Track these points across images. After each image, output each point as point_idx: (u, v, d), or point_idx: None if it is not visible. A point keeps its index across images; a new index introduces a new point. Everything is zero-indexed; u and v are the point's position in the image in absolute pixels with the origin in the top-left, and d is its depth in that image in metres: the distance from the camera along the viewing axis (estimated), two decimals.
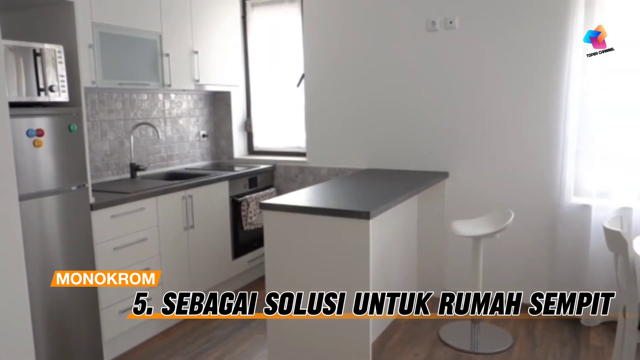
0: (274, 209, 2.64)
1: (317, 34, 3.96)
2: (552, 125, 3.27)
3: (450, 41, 3.51)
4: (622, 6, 2.99)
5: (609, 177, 3.13)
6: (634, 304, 2.16)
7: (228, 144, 4.51)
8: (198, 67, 3.77)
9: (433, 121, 3.63)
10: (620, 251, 2.19)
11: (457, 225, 3.06)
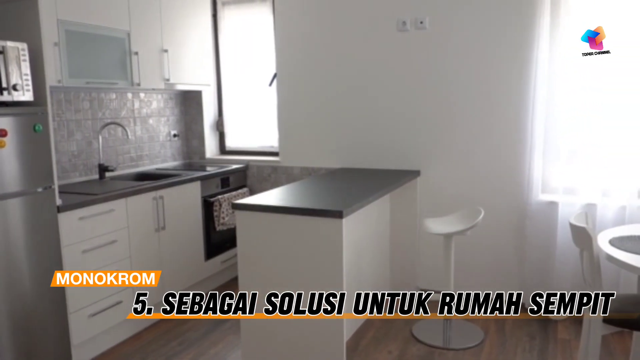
0: (246, 209, 2.62)
1: (288, 33, 3.95)
2: (520, 125, 3.34)
3: (421, 41, 3.54)
4: (586, 8, 3.08)
5: (575, 175, 3.21)
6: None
7: (200, 143, 4.46)
8: (168, 65, 3.72)
9: (405, 120, 3.66)
10: (585, 246, 2.25)
11: (428, 223, 3.10)
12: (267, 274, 2.61)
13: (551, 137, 3.24)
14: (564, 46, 3.13)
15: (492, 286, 3.55)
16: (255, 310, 2.67)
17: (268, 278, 2.61)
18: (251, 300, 2.67)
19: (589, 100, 3.13)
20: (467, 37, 3.41)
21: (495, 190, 3.46)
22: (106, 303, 2.97)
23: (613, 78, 3.04)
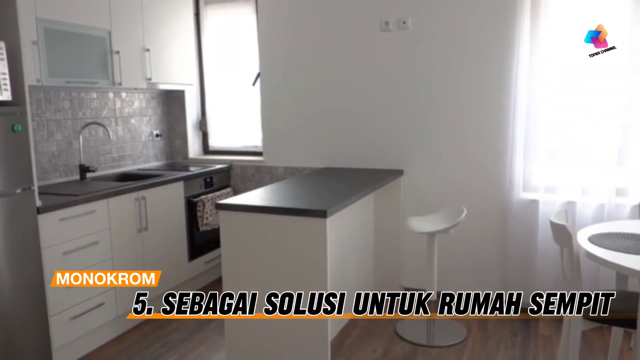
0: (230, 209, 2.61)
1: (272, 33, 3.95)
2: (501, 124, 3.38)
3: (404, 41, 3.57)
4: (566, 10, 3.12)
5: (555, 174, 3.26)
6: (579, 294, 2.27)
7: (182, 143, 4.43)
8: (150, 65, 3.68)
9: (388, 120, 3.68)
10: (565, 243, 2.29)
11: (412, 222, 3.12)
12: (251, 274, 2.61)
13: (532, 136, 3.28)
14: (545, 47, 3.18)
15: (475, 284, 3.59)
16: (239, 311, 2.66)
17: (252, 278, 2.61)
18: (236, 301, 2.66)
19: (569, 100, 3.18)
20: (449, 37, 3.44)
21: (478, 189, 3.49)
22: (88, 305, 2.93)
23: (592, 78, 3.09)
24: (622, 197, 3.14)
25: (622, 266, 2.00)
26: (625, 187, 3.14)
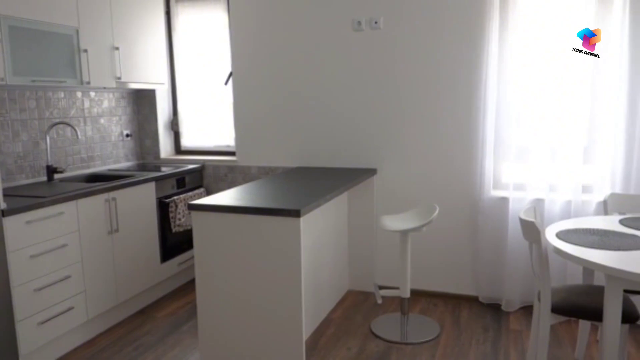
0: (203, 209, 2.58)
1: (244, 32, 3.92)
2: (472, 123, 3.44)
3: (376, 41, 3.59)
4: (533, 12, 3.19)
5: (524, 172, 3.33)
6: (547, 289, 2.32)
7: (154, 143, 4.36)
8: (120, 63, 3.62)
9: (361, 119, 3.70)
10: (534, 240, 2.34)
11: (385, 220, 3.14)
12: (224, 275, 2.59)
13: (501, 135, 3.34)
14: (513, 48, 3.23)
15: (447, 280, 3.64)
16: (213, 312, 2.64)
17: (226, 279, 2.59)
18: (209, 302, 2.63)
19: (537, 100, 3.25)
20: (420, 37, 3.48)
21: (450, 188, 3.54)
22: (57, 310, 2.86)
23: (559, 79, 3.17)
24: (588, 194, 3.23)
25: (588, 261, 2.06)
26: (591, 185, 3.23)
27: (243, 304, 2.58)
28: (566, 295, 2.42)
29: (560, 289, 2.51)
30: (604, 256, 2.08)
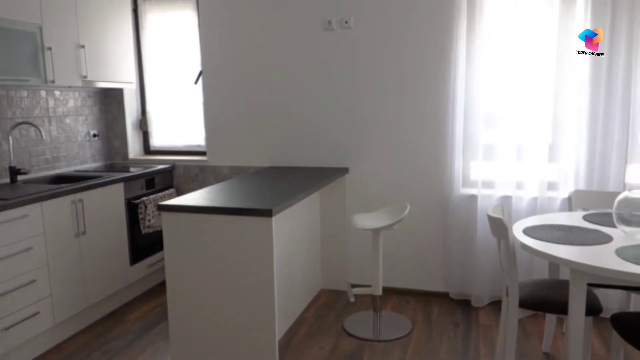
0: (173, 210, 2.55)
1: (213, 30, 3.88)
2: (441, 122, 3.49)
3: (346, 40, 3.60)
4: (501, 16, 3.26)
5: (492, 170, 3.40)
6: (515, 284, 2.38)
7: (122, 143, 4.28)
8: (85, 62, 3.53)
9: (332, 118, 3.71)
10: (502, 236, 2.39)
11: (357, 219, 3.16)
12: (196, 276, 2.56)
13: (470, 134, 3.40)
14: (480, 48, 3.29)
15: (419, 277, 3.68)
16: (184, 314, 2.61)
17: (197, 280, 2.56)
18: (180, 304, 2.60)
19: (504, 99, 3.32)
20: (390, 37, 3.51)
21: (420, 186, 3.59)
22: (22, 315, 2.78)
23: (525, 79, 3.24)
24: (553, 191, 3.32)
25: (554, 256, 2.11)
26: (556, 182, 3.32)
27: (215, 305, 2.56)
28: (533, 290, 2.48)
29: (528, 284, 2.58)
30: (568, 251, 2.14)
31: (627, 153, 3.13)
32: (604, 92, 3.10)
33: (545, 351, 2.86)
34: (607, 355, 2.79)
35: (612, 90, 3.09)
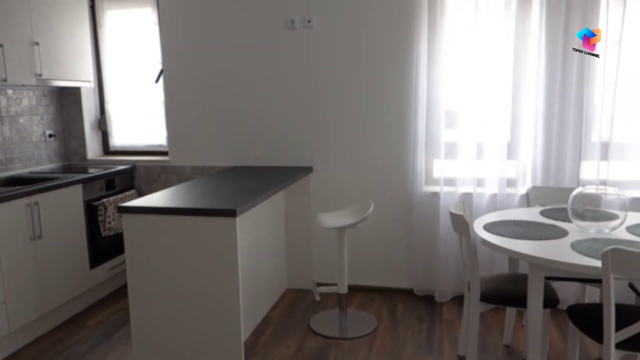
0: (134, 211, 2.49)
1: (174, 29, 3.82)
2: (404, 121, 3.53)
3: (309, 39, 3.61)
4: (461, 14, 3.33)
5: (453, 167, 3.47)
6: (476, 279, 2.43)
7: (80, 144, 4.16)
8: (40, 60, 3.41)
9: (296, 118, 3.71)
10: (463, 232, 2.44)
11: (321, 217, 3.17)
12: (158, 279, 2.51)
13: (432, 133, 3.45)
14: (442, 49, 3.35)
15: (384, 274, 3.72)
16: (146, 317, 2.55)
17: (160, 283, 2.51)
18: (142, 307, 2.55)
19: (465, 98, 3.39)
20: (353, 37, 3.53)
21: (384, 184, 3.63)
22: None
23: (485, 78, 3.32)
24: (512, 187, 3.41)
25: (513, 251, 2.17)
26: (515, 178, 3.41)
27: (178, 307, 2.52)
28: (493, 284, 2.55)
29: (488, 279, 2.64)
30: (526, 246, 2.20)
31: (581, 150, 3.24)
32: (558, 92, 3.21)
33: (506, 343, 2.94)
34: (564, 345, 2.89)
35: (567, 90, 3.20)
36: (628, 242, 2.20)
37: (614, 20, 3.06)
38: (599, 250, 2.05)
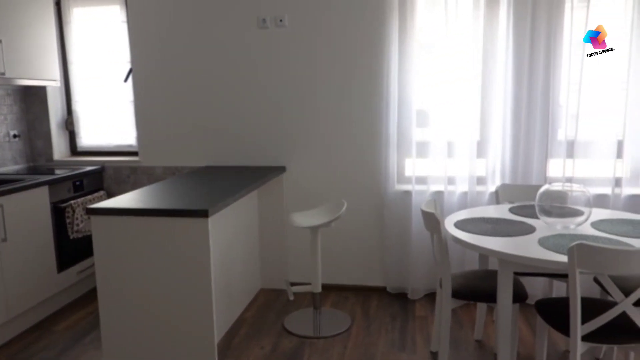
0: (103, 213, 2.44)
1: (143, 27, 3.76)
2: (376, 121, 3.56)
3: (281, 39, 3.60)
4: (431, 14, 3.37)
5: (425, 166, 3.51)
6: (448, 275, 2.47)
7: (46, 144, 4.05)
8: (3, 58, 3.31)
9: (269, 117, 3.69)
10: (434, 230, 2.48)
11: (295, 217, 3.17)
12: (129, 282, 2.47)
13: (404, 132, 3.49)
14: (412, 47, 3.39)
15: (357, 273, 3.74)
16: (117, 321, 2.51)
17: (130, 285, 2.47)
18: (112, 311, 2.50)
19: (436, 98, 3.43)
20: (325, 36, 3.54)
21: (357, 183, 3.65)
22: None
23: (455, 78, 3.37)
24: (482, 185, 3.47)
25: (482, 247, 2.21)
26: (484, 176, 3.47)
27: (150, 310, 2.48)
28: (465, 281, 2.59)
29: (460, 275, 2.68)
30: (496, 242, 2.25)
31: (547, 149, 3.33)
32: (526, 92, 3.28)
33: (477, 338, 2.99)
34: (533, 338, 2.96)
35: (533, 90, 3.28)
36: (592, 237, 2.27)
37: (578, 21, 3.15)
38: (565, 246, 2.11)
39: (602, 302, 2.23)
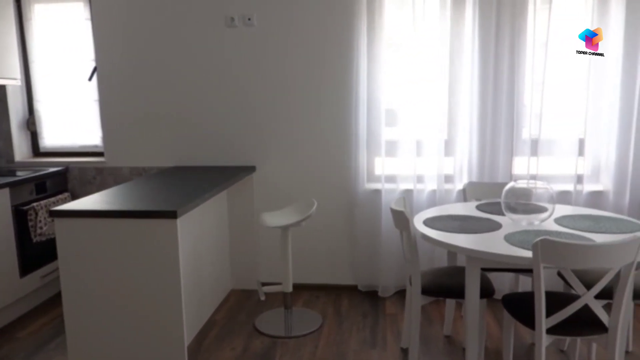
0: (67, 215, 2.38)
1: (108, 24, 3.67)
2: (345, 120, 3.57)
3: (250, 38, 3.57)
4: (399, 13, 3.40)
5: (394, 165, 3.54)
6: (417, 273, 2.50)
7: (6, 145, 3.92)
8: None
9: (238, 117, 3.66)
10: (404, 228, 2.50)
11: (265, 217, 3.15)
12: (95, 285, 2.41)
13: (373, 131, 3.51)
14: (381, 47, 3.41)
15: (328, 271, 3.75)
16: (83, 325, 2.45)
17: (97, 289, 2.41)
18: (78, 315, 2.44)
19: (404, 97, 3.46)
20: (294, 35, 3.53)
21: (327, 182, 3.65)
22: None
23: (422, 78, 3.41)
24: (450, 183, 3.52)
25: (451, 244, 2.25)
26: (452, 175, 3.53)
27: (118, 314, 2.43)
28: (434, 278, 2.63)
29: (429, 272, 2.72)
30: (463, 239, 2.29)
31: (512, 147, 3.40)
32: (491, 92, 3.35)
33: (447, 334, 3.04)
34: (500, 333, 3.03)
35: (499, 90, 3.35)
36: (556, 232, 2.33)
37: (540, 23, 3.23)
38: (530, 242, 2.16)
39: (566, 296, 2.30)
